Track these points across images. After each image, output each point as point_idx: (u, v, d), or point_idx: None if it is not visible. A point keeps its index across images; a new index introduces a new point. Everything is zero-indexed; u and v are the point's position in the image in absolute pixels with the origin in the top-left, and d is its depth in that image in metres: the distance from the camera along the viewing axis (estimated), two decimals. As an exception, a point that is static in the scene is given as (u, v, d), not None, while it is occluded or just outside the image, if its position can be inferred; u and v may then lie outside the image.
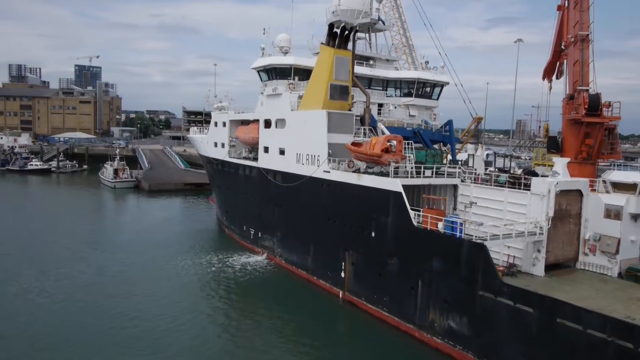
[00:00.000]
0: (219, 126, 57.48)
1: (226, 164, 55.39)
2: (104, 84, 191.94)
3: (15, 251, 47.95)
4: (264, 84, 48.16)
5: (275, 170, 44.97)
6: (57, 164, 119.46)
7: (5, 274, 40.30)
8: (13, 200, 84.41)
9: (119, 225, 63.89)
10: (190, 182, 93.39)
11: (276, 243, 45.61)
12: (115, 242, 52.81)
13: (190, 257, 47.40)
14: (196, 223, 65.86)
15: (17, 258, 45.54)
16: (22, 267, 42.19)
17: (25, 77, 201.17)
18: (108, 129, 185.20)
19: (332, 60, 38.91)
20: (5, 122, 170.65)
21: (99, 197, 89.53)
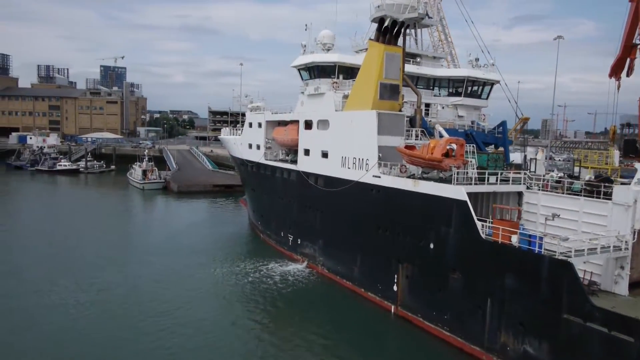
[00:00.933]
0: (254, 127, 55.32)
1: (262, 166, 53.20)
2: (130, 84, 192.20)
3: (49, 257, 46.39)
4: (304, 83, 45.75)
5: (317, 174, 42.56)
6: (85, 165, 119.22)
7: (42, 284, 38.43)
8: (44, 202, 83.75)
9: (150, 229, 62.21)
10: (219, 184, 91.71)
11: (318, 251, 43.20)
12: (148, 248, 50.98)
13: (227, 264, 45.30)
14: (228, 226, 63.88)
15: (51, 265, 43.90)
16: (56, 276, 40.44)
17: (54, 77, 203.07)
18: (134, 129, 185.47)
19: (382, 57, 36.32)
20: (34, 122, 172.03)
21: (128, 198, 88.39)
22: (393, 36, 37.53)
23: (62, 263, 44.32)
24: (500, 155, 35.60)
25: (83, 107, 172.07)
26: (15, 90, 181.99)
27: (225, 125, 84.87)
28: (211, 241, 55.36)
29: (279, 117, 51.08)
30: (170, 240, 54.21)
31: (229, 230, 61.58)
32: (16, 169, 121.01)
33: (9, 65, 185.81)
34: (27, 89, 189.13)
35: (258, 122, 54.36)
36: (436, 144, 31.27)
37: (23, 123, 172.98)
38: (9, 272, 41.37)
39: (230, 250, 51.72)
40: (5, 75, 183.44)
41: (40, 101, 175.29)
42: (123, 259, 46.22)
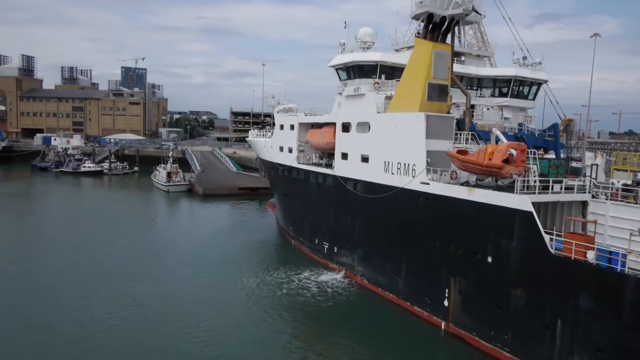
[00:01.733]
0: (286, 129, 53.43)
1: (294, 170, 51.28)
2: (152, 85, 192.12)
3: (78, 266, 44.94)
4: (342, 83, 43.63)
5: (356, 180, 40.43)
6: (109, 166, 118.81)
7: (74, 296, 36.91)
8: (69, 205, 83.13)
9: (178, 235, 60.60)
10: (244, 187, 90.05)
11: (356, 260, 41.06)
12: (177, 255, 49.23)
13: (259, 273, 43.45)
14: (256, 231, 62.04)
15: (81, 275, 42.38)
16: (88, 286, 39.00)
17: (77, 79, 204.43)
18: (156, 130, 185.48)
19: (430, 56, 34.05)
20: (58, 123, 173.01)
21: (153, 201, 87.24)
22: (442, 33, 35.22)
23: (91, 273, 42.76)
24: (562, 161, 33.05)
25: (106, 109, 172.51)
26: (39, 92, 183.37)
27: (253, 127, 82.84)
28: (240, 247, 53.65)
29: (313, 119, 49.11)
30: (199, 247, 52.55)
31: (257, 236, 59.75)
32: (41, 170, 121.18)
33: (33, 67, 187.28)
34: (51, 90, 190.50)
35: (290, 124, 52.45)
36: (494, 149, 28.92)
37: (47, 124, 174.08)
38: (42, 284, 40.07)
39: (261, 258, 49.92)
40: (30, 77, 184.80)
41: (64, 102, 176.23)
42: (152, 268, 44.48)
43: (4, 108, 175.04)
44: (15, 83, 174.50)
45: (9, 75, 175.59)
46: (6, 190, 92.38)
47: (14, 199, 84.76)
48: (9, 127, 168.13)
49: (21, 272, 42.36)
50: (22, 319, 32.46)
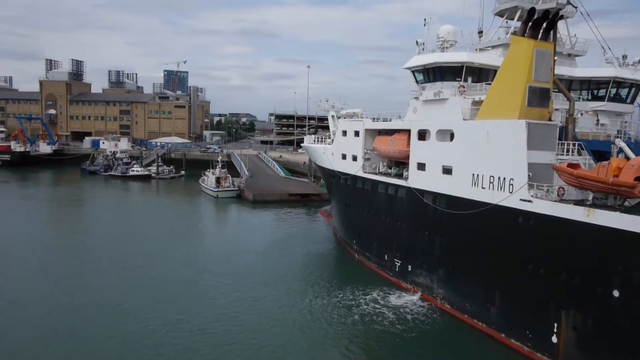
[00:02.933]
0: (349, 136, 50.08)
1: (359, 179, 47.85)
2: (196, 88, 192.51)
3: (135, 281, 42.89)
4: (420, 86, 39.86)
5: (436, 193, 36.63)
6: (156, 170, 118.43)
7: (135, 321, 34.64)
8: (119, 211, 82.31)
9: (231, 245, 57.94)
10: (295, 193, 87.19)
11: (436, 281, 37.24)
12: (233, 270, 46.37)
13: (323, 292, 40.22)
14: (314, 243, 58.85)
15: (140, 293, 40.31)
16: (149, 307, 36.64)
17: (123, 82, 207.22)
18: (201, 133, 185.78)
19: (531, 56, 29.98)
20: (106, 127, 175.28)
21: (203, 208, 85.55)
22: (540, 30, 31.12)
23: (149, 291, 40.45)
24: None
25: (152, 112, 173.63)
26: (88, 96, 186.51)
27: (308, 131, 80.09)
28: (299, 261, 50.73)
29: (382, 126, 45.60)
30: (255, 261, 49.66)
31: (315, 248, 56.61)
32: (90, 174, 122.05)
33: (82, 71, 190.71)
34: (99, 94, 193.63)
35: (355, 131, 49.07)
36: (621, 163, 24.71)
37: (95, 127, 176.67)
38: (101, 304, 37.98)
39: (323, 273, 46.74)
40: (79, 81, 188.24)
41: (112, 106, 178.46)
42: (210, 287, 41.58)
43: (54, 112, 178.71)
44: (65, 87, 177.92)
45: (59, 79, 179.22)
46: (58, 196, 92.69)
47: (65, 204, 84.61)
48: (59, 131, 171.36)
49: (78, 289, 40.36)
50: (83, 345, 30.22)
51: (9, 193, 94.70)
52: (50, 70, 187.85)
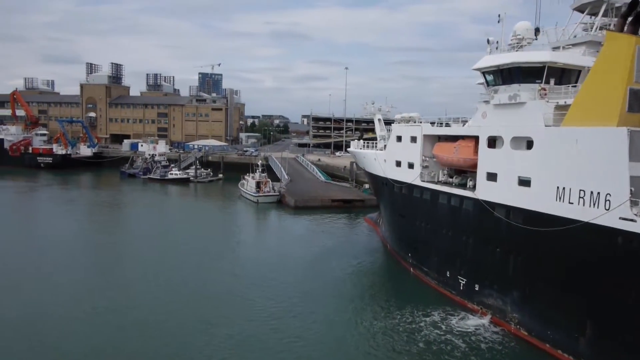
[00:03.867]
0: (405, 141, 46.94)
1: (417, 189, 44.64)
2: (232, 90, 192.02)
3: (180, 294, 40.87)
4: (491, 89, 36.36)
5: (510, 206, 33.17)
6: (195, 173, 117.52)
7: (182, 346, 32.65)
8: (158, 216, 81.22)
9: (276, 255, 55.43)
10: (338, 199, 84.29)
11: (510, 304, 33.74)
12: (280, 282, 43.97)
13: (379, 312, 37.22)
14: (363, 254, 55.87)
15: (186, 309, 38.23)
16: (197, 328, 34.44)
17: (161, 85, 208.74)
18: (237, 136, 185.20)
19: (632, 54, 26.29)
20: (144, 129, 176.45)
21: (243, 213, 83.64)
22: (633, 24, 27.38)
23: (196, 310, 38.30)
24: None
25: (189, 114, 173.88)
26: (127, 99, 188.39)
27: (354, 136, 77.29)
28: (348, 274, 47.83)
29: (444, 131, 42.24)
30: (303, 273, 47.00)
31: (366, 259, 53.68)
32: (129, 176, 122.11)
33: (121, 75, 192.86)
34: (137, 97, 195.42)
35: (411, 136, 45.90)
36: None
37: (134, 130, 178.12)
38: (146, 320, 35.95)
39: (376, 289, 43.73)
40: (119, 84, 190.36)
41: (150, 109, 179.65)
42: (254, 302, 39.10)
43: (94, 115, 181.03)
44: (105, 90, 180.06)
45: (99, 82, 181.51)
46: (99, 200, 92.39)
47: (106, 209, 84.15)
48: (98, 133, 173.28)
49: (120, 299, 38.55)
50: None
51: (53, 197, 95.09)
52: (90, 74, 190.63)
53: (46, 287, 41.37)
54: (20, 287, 40.85)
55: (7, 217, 74.66)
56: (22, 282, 42.32)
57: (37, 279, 43.38)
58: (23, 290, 40.25)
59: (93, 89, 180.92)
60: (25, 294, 39.22)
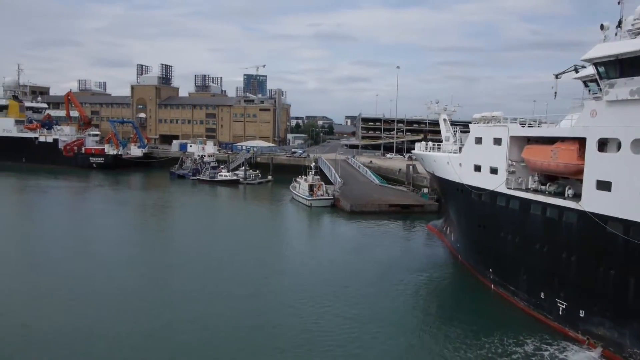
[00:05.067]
0: (487, 143, 42.07)
1: (501, 197, 39.71)
2: (280, 91, 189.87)
3: (239, 309, 37.61)
4: (605, 83, 31.08)
5: (631, 221, 28.01)
6: (244, 175, 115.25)
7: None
8: (212, 220, 78.75)
9: (335, 263, 51.57)
10: (395, 203, 79.58)
11: (629, 337, 28.53)
12: (342, 296, 40.22)
13: (465, 338, 33.00)
14: (431, 267, 51.29)
15: (250, 330, 34.86)
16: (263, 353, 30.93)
17: (209, 86, 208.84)
18: (285, 137, 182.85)
19: None
20: (192, 130, 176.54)
21: (296, 218, 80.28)
22: None
23: (260, 331, 34.89)
24: None
25: (237, 115, 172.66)
26: (176, 99, 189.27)
27: (420, 138, 72.61)
28: (419, 289, 43.81)
29: (537, 132, 37.21)
30: (368, 287, 42.90)
31: (435, 273, 49.14)
32: (179, 177, 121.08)
33: (171, 76, 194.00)
34: (186, 97, 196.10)
35: (494, 138, 41.00)
36: None
37: (182, 131, 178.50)
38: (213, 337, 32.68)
39: (455, 310, 39.09)
40: (168, 85, 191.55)
41: (198, 109, 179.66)
42: (318, 324, 35.26)
43: (144, 115, 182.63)
44: (155, 91, 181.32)
45: (149, 84, 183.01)
46: (150, 201, 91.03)
47: (158, 212, 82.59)
48: (148, 134, 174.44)
49: (185, 315, 35.52)
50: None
51: (105, 198, 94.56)
52: (141, 75, 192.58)
53: (96, 303, 38.92)
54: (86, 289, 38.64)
55: (65, 218, 73.99)
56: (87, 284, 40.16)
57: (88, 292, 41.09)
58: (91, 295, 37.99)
59: (143, 90, 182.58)
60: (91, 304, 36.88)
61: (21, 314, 35.30)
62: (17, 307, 36.46)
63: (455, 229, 52.31)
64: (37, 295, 38.87)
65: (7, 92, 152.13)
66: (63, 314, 35.52)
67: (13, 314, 35.34)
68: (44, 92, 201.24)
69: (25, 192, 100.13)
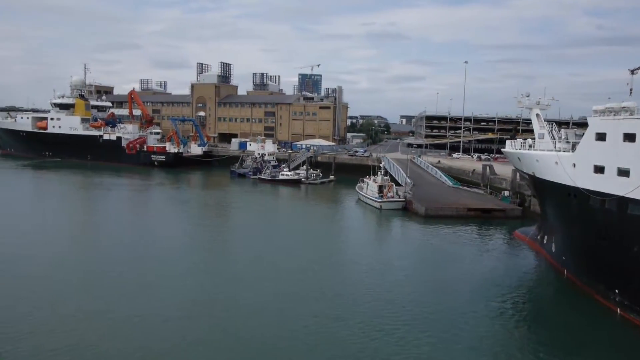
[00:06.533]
0: (613, 140, 35.36)
1: (633, 203, 32.95)
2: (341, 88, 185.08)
3: (308, 320, 32.82)
4: None
5: None
6: (306, 174, 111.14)
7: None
8: (280, 223, 74.89)
9: (418, 275, 46.12)
10: (475, 207, 72.78)
11: None
12: (431, 316, 34.70)
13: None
14: (527, 281, 45.57)
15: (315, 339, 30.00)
16: None
17: (267, 84, 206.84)
18: (344, 136, 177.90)
19: None
20: (251, 128, 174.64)
21: (365, 221, 75.21)
22: None
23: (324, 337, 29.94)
24: None
25: (296, 113, 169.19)
26: (235, 98, 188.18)
27: (510, 135, 65.92)
28: (521, 310, 38.04)
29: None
30: (463, 305, 37.27)
31: (532, 289, 43.64)
32: (239, 176, 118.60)
33: (230, 74, 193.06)
34: (245, 95, 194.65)
35: (625, 133, 34.25)
36: None
37: (241, 129, 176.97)
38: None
39: (575, 340, 32.80)
40: (227, 84, 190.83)
41: (257, 108, 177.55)
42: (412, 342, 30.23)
43: (203, 114, 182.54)
44: (214, 89, 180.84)
45: (209, 82, 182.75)
46: (213, 200, 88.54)
47: (221, 212, 79.71)
48: (207, 132, 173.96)
49: (266, 334, 31.17)
50: None
51: (167, 197, 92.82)
52: (200, 74, 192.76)
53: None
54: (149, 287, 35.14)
55: (131, 218, 72.23)
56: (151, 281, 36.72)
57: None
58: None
59: (203, 89, 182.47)
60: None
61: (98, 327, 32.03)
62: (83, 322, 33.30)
63: (559, 239, 45.53)
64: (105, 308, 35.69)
65: (74, 91, 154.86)
66: (129, 329, 31.98)
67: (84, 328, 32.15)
68: (108, 92, 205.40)
69: (90, 190, 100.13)
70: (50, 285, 39.50)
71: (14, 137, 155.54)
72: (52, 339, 29.82)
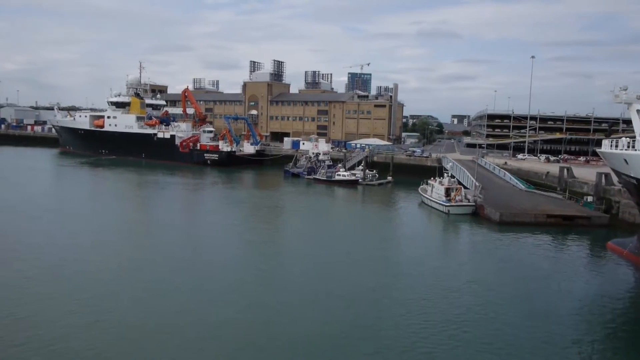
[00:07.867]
0: None
1: None
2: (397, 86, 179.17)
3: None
4: None
5: None
6: (363, 175, 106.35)
7: None
8: (341, 229, 70.40)
9: (507, 295, 40.54)
10: (556, 214, 65.89)
11: None
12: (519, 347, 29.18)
13: None
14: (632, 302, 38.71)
15: None
16: None
17: (319, 83, 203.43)
18: (399, 135, 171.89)
19: None
20: (304, 127, 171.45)
21: (430, 226, 69.81)
22: None
23: None
24: None
25: (350, 112, 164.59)
26: (287, 96, 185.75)
27: (607, 136, 59.17)
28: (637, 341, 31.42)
29: None
30: (556, 333, 31.51)
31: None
32: (293, 176, 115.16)
33: (282, 72, 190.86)
34: (297, 94, 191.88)
35: None
36: None
37: (293, 128, 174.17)
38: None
39: None
40: (280, 82, 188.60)
41: (310, 106, 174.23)
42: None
43: (255, 112, 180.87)
44: (266, 88, 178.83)
45: (262, 80, 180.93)
46: (268, 201, 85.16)
47: (279, 214, 76.07)
48: (259, 131, 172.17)
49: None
50: None
51: (222, 197, 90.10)
52: (253, 72, 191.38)
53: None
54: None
55: (187, 218, 69.83)
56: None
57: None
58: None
59: (255, 87, 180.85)
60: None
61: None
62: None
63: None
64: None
65: (130, 90, 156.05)
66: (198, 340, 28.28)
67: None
68: (162, 91, 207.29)
69: (146, 189, 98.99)
70: (106, 295, 36.60)
71: (73, 135, 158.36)
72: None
